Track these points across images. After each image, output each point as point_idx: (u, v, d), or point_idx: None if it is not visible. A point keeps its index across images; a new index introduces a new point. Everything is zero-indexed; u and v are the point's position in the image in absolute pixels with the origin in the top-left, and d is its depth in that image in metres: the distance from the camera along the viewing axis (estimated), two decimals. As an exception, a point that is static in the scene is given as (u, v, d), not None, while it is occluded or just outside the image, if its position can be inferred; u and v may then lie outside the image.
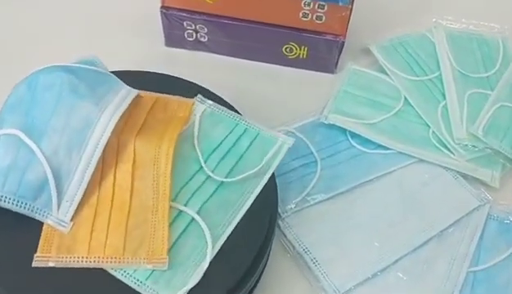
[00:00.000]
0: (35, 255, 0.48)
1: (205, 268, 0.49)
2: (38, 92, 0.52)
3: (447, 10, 0.88)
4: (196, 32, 0.77)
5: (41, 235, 0.49)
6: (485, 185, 0.68)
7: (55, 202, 0.50)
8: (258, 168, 0.56)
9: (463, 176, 0.68)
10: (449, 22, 0.86)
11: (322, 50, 0.76)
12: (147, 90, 0.61)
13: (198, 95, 0.62)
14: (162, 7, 0.75)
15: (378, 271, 0.59)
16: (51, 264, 0.48)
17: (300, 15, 0.72)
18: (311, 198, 0.64)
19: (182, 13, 0.75)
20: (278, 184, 0.58)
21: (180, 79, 0.64)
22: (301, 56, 0.77)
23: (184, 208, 0.52)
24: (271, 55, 0.78)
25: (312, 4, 0.70)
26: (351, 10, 0.71)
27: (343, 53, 0.77)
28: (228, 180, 0.55)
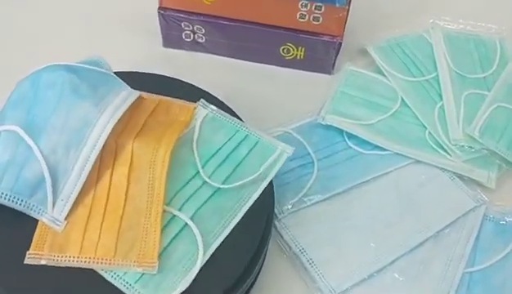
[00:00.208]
0: (28, 252, 0.48)
1: (195, 274, 0.49)
2: (41, 90, 0.53)
3: (445, 10, 0.89)
4: (194, 33, 0.77)
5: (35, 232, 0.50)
6: (481, 186, 0.68)
7: (50, 200, 0.50)
8: (256, 176, 0.56)
9: (459, 177, 0.68)
10: (446, 23, 0.86)
11: (319, 51, 0.76)
12: (149, 92, 0.61)
13: (201, 99, 0.62)
14: (159, 8, 0.75)
15: (374, 272, 0.60)
16: (43, 262, 0.48)
17: (297, 16, 0.72)
18: (307, 199, 0.65)
19: (180, 14, 0.75)
20: (275, 184, 0.58)
21: (184, 83, 0.65)
22: (298, 57, 0.77)
23: (177, 213, 0.52)
24: (268, 55, 0.78)
25: (309, 5, 0.70)
26: (348, 11, 0.71)
27: (340, 54, 0.77)
28: (224, 187, 0.55)
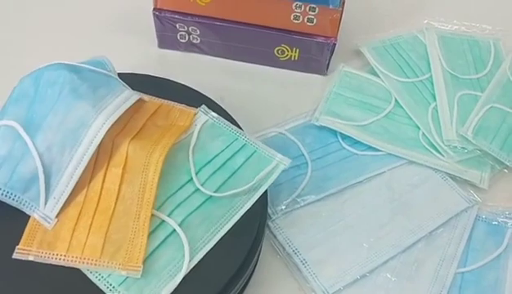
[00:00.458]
0: (17, 247, 0.49)
1: (179, 281, 0.49)
2: (41, 88, 0.53)
3: (439, 11, 0.89)
4: (189, 34, 0.77)
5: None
6: (474, 187, 0.69)
7: (42, 197, 0.51)
8: (249, 186, 0.55)
9: (452, 178, 0.69)
10: (441, 23, 0.86)
11: (314, 52, 0.76)
12: (151, 94, 0.62)
13: (202, 105, 0.62)
14: (154, 9, 0.75)
15: (367, 272, 0.60)
16: (30, 257, 0.49)
17: (291, 17, 0.72)
18: (301, 200, 0.65)
19: (175, 15, 0.75)
20: (269, 185, 0.58)
21: (187, 87, 0.65)
22: (293, 58, 0.78)
23: (166, 219, 0.52)
24: (263, 56, 0.78)
25: (303, 7, 0.71)
26: (341, 12, 0.71)
27: (334, 55, 0.77)
28: (216, 195, 0.55)
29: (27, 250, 0.49)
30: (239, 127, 0.61)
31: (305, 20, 0.72)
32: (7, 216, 0.51)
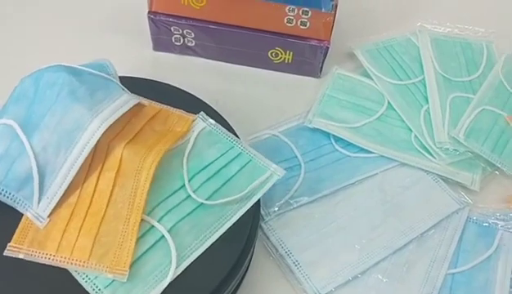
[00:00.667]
0: (8, 244, 0.50)
1: (164, 287, 0.49)
2: (41, 88, 0.54)
3: (433, 14, 0.89)
4: (184, 37, 0.78)
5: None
6: (465, 189, 0.69)
7: (36, 196, 0.51)
8: (241, 195, 0.55)
9: (444, 180, 0.69)
10: (434, 26, 0.87)
11: (307, 55, 0.77)
12: (150, 99, 0.62)
13: (201, 112, 0.62)
14: (149, 13, 0.76)
15: (358, 273, 0.60)
16: (20, 255, 0.49)
17: (285, 20, 0.73)
18: (294, 201, 0.65)
19: (169, 18, 0.75)
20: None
21: (181, 90, 0.65)
22: (286, 61, 0.78)
23: (156, 224, 0.52)
24: (257, 59, 0.79)
25: (296, 10, 0.71)
26: (334, 16, 0.72)
27: (328, 57, 0.78)
28: (208, 203, 0.55)
29: (18, 248, 0.50)
30: (232, 130, 0.62)
31: (298, 24, 0.73)
32: (1, 214, 0.52)
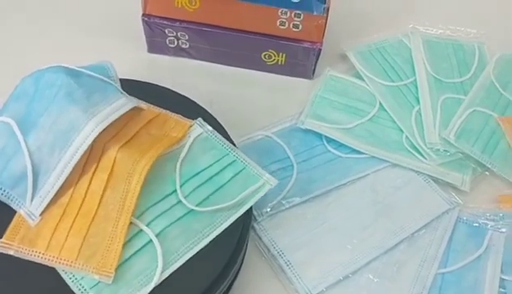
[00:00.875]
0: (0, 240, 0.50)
1: (149, 291, 0.49)
2: (40, 88, 0.55)
3: (425, 15, 0.90)
4: (178, 39, 0.78)
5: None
6: (456, 189, 0.70)
7: (29, 194, 0.52)
8: (232, 203, 0.55)
9: (434, 180, 0.70)
10: (426, 28, 0.87)
11: (300, 56, 0.77)
12: (149, 102, 0.62)
13: (199, 118, 0.62)
14: (143, 15, 0.76)
15: (350, 273, 0.61)
16: (11, 252, 0.50)
17: (277, 23, 0.73)
18: (286, 202, 0.66)
19: (163, 21, 0.76)
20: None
21: (174, 93, 0.65)
22: (279, 63, 0.79)
23: (144, 228, 0.52)
24: (250, 61, 0.79)
25: (289, 13, 0.72)
26: (326, 18, 0.72)
27: (321, 59, 0.78)
28: (198, 209, 0.55)
29: (9, 244, 0.50)
30: (225, 131, 0.62)
31: (291, 26, 0.74)
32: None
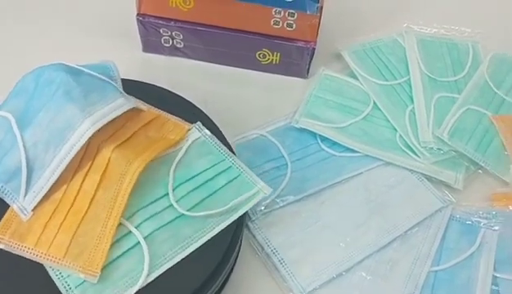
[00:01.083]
0: None
1: (133, 293, 0.49)
2: (40, 85, 0.55)
3: (419, 15, 0.90)
4: (172, 38, 0.79)
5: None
6: (449, 187, 0.70)
7: (23, 189, 0.52)
8: (223, 209, 0.55)
9: (428, 179, 0.70)
10: (420, 27, 0.88)
11: (294, 56, 0.77)
12: (153, 105, 0.62)
13: (198, 122, 0.62)
14: (138, 15, 0.77)
15: (343, 271, 0.61)
16: (1, 246, 0.50)
17: (272, 22, 0.74)
18: (280, 200, 0.66)
19: (158, 20, 0.76)
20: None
21: (175, 95, 0.66)
22: (274, 62, 0.79)
23: (133, 230, 0.52)
24: (245, 60, 0.80)
25: (283, 12, 0.72)
26: (320, 18, 0.73)
27: (315, 58, 0.79)
28: (188, 214, 0.54)
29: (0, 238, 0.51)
30: (218, 129, 0.62)
31: (285, 25, 0.74)
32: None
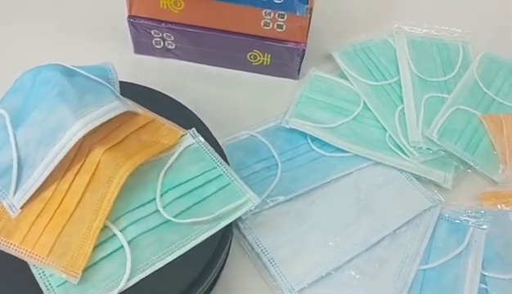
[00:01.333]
0: None
1: None
2: (37, 85, 0.56)
3: (410, 15, 0.90)
4: (164, 40, 0.79)
5: None
6: (438, 187, 0.70)
7: (13, 187, 0.53)
8: (209, 218, 0.55)
9: (417, 178, 0.70)
10: (411, 27, 0.88)
11: (285, 57, 0.78)
12: (146, 108, 0.62)
13: (193, 128, 0.61)
14: (129, 17, 0.77)
15: (332, 270, 0.61)
16: None
17: (262, 24, 0.74)
18: (270, 200, 0.66)
19: (149, 22, 0.77)
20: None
21: (166, 96, 0.66)
22: (265, 63, 0.79)
23: (118, 233, 0.52)
24: (236, 61, 0.80)
25: (273, 14, 0.72)
26: (309, 19, 0.73)
27: (306, 59, 0.79)
28: (174, 220, 0.54)
29: None
30: (207, 130, 0.63)
31: (275, 27, 0.74)
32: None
